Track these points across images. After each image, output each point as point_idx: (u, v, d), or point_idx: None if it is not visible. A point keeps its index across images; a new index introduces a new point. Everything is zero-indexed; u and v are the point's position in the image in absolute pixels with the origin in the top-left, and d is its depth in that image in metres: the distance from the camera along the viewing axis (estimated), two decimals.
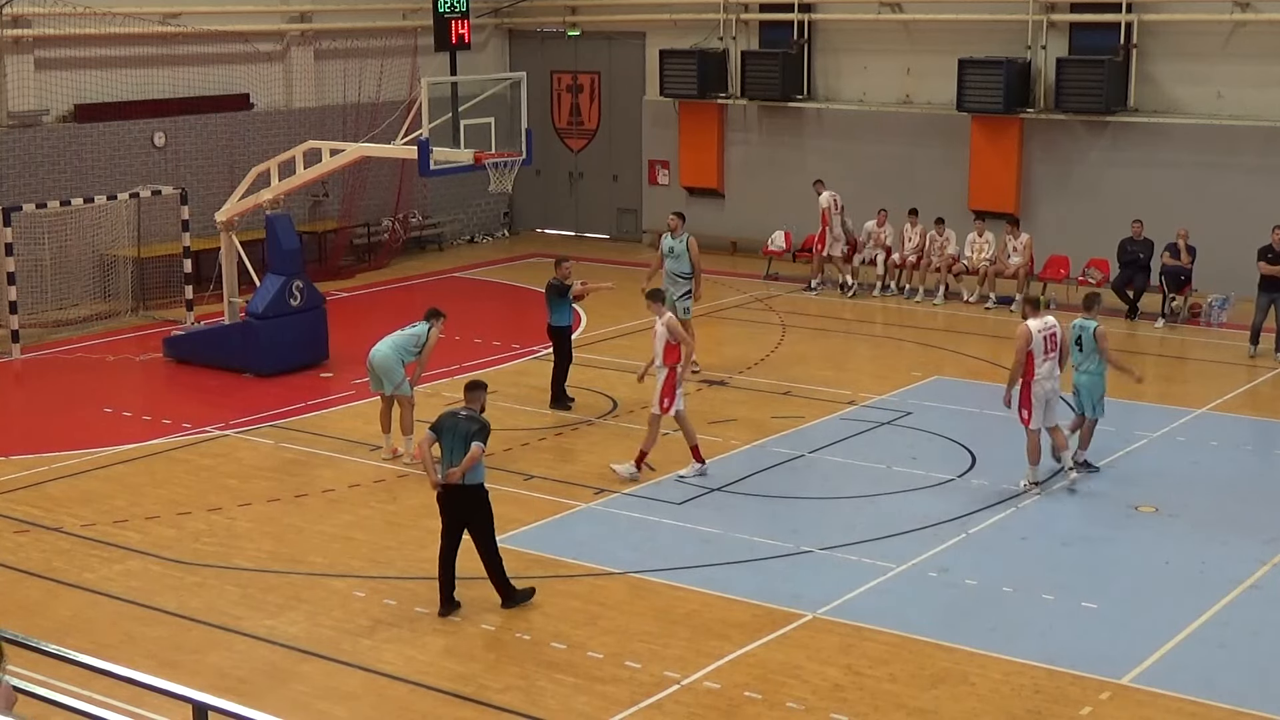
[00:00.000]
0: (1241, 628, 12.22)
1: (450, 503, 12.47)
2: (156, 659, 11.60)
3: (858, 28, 27.55)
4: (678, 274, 19.51)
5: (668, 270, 19.58)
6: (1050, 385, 15.39)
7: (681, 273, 19.51)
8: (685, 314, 19.51)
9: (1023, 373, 15.28)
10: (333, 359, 20.77)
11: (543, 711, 10.87)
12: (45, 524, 14.79)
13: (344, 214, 27.96)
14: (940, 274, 24.67)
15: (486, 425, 12.52)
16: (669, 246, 19.61)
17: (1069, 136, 25.46)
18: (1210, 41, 24.31)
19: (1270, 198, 23.40)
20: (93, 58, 24.74)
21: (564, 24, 30.89)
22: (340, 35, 28.21)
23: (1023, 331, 15.33)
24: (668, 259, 19.61)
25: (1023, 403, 15.36)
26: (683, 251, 19.51)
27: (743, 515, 14.86)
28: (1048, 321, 15.52)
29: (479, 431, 12.35)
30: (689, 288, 19.52)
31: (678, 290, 19.48)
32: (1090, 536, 14.26)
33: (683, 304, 19.47)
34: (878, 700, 10.98)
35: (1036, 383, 15.29)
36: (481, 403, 12.83)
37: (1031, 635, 12.08)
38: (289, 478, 16.28)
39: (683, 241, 19.54)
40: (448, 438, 12.43)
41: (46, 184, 23.93)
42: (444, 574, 12.57)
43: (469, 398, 12.81)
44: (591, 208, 31.34)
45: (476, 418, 12.52)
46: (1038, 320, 15.48)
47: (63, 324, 23.08)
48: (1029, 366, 15.28)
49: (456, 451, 12.32)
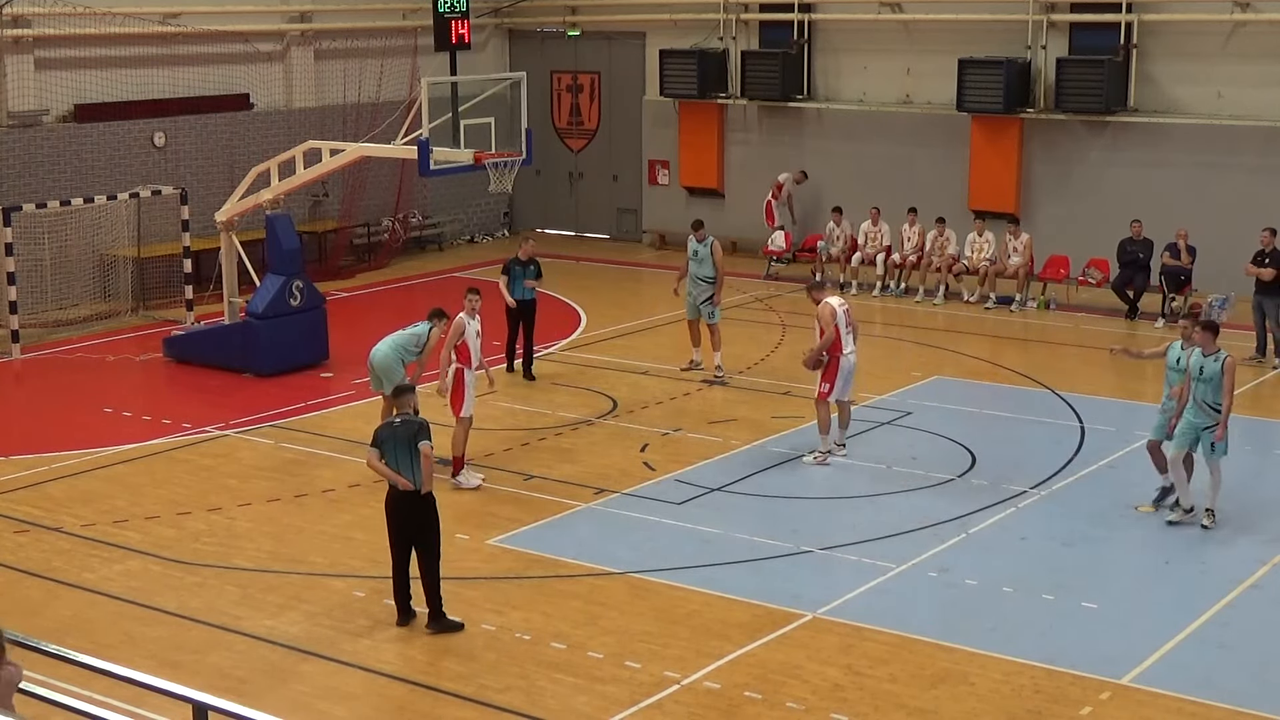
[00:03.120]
0: (1241, 628, 12.22)
1: (399, 511, 12.21)
2: (156, 659, 11.60)
3: (858, 28, 27.55)
4: (700, 277, 19.62)
5: (691, 274, 19.69)
6: (854, 360, 16.46)
7: (704, 276, 19.59)
8: (710, 318, 19.61)
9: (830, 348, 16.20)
10: (333, 359, 20.77)
11: (543, 711, 10.87)
12: (45, 524, 14.79)
13: (344, 214, 27.96)
14: (940, 274, 24.68)
15: (425, 424, 12.27)
16: (693, 249, 19.76)
17: (1069, 136, 25.45)
18: (1210, 41, 24.31)
19: (1270, 198, 23.41)
20: (93, 58, 24.74)
21: (564, 24, 30.89)
22: (340, 35, 28.22)
23: (827, 309, 16.26)
24: (691, 262, 19.74)
25: (826, 376, 16.18)
26: (706, 255, 19.62)
27: (743, 515, 14.86)
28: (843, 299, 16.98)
29: (420, 431, 12.13)
30: (711, 292, 19.59)
31: (700, 294, 19.57)
32: (1090, 536, 14.26)
33: (706, 308, 19.57)
34: (878, 700, 10.98)
35: (844, 357, 16.22)
36: (413, 405, 12.51)
37: (1031, 635, 12.08)
38: (289, 478, 16.28)
39: (707, 245, 19.65)
40: (390, 447, 12.14)
41: (46, 184, 23.93)
42: (399, 584, 12.31)
43: (399, 403, 12.55)
44: (591, 208, 31.34)
45: (413, 420, 12.27)
46: (837, 298, 16.80)
47: (63, 324, 23.07)
48: (837, 341, 16.19)
49: (402, 458, 12.07)
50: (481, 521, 14.53)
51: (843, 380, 16.32)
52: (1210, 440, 14.19)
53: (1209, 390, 14.14)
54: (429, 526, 12.22)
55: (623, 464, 16.38)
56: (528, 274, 19.76)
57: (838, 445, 16.51)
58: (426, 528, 12.21)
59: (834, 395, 16.31)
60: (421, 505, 12.17)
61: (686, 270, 19.85)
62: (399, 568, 12.32)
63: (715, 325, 19.65)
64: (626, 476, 15.94)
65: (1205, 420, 14.19)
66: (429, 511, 12.22)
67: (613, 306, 24.06)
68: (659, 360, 20.32)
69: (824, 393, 16.29)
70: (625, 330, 22.64)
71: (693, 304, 19.74)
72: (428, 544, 12.22)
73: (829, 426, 16.40)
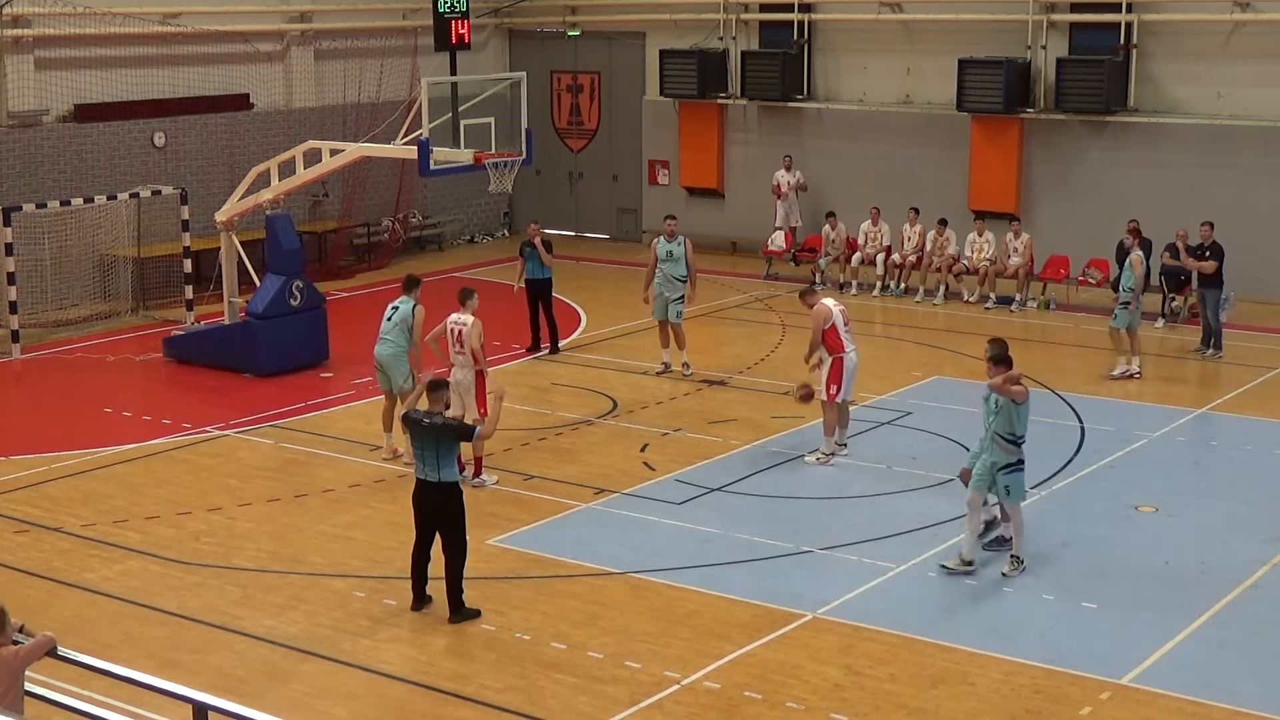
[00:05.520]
0: (1241, 628, 12.22)
1: (426, 500, 12.40)
2: (156, 659, 11.60)
3: (858, 28, 27.55)
4: (674, 277, 19.59)
5: (664, 273, 19.61)
6: (856, 359, 16.36)
7: (678, 276, 19.57)
8: (677, 318, 19.63)
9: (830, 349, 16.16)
10: (333, 359, 20.77)
11: (543, 711, 10.88)
12: (45, 524, 14.79)
13: (344, 214, 27.97)
14: (941, 274, 24.68)
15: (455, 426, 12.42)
16: (666, 250, 19.65)
17: (1069, 136, 25.46)
18: (1210, 41, 24.31)
19: (1270, 198, 23.43)
20: (93, 58, 24.74)
21: (564, 24, 30.89)
22: (340, 35, 28.22)
23: (821, 310, 16.21)
24: (664, 263, 19.64)
25: (833, 378, 16.10)
26: (680, 255, 19.58)
27: (743, 515, 14.86)
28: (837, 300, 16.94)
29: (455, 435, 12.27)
30: (684, 291, 19.59)
31: (673, 293, 19.54)
32: (1090, 536, 14.26)
33: (675, 308, 19.56)
34: (878, 700, 10.98)
35: (846, 356, 16.15)
36: (446, 400, 12.65)
37: (1031, 635, 12.08)
38: (289, 478, 16.28)
39: (680, 244, 19.60)
40: (417, 441, 12.34)
41: (46, 184, 23.93)
42: (417, 570, 12.57)
43: (433, 399, 12.55)
44: (591, 208, 31.34)
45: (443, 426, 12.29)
46: (832, 299, 16.66)
47: (63, 324, 23.08)
48: (838, 343, 16.10)
49: (429, 455, 12.22)
50: (481, 521, 14.51)
51: (847, 379, 16.34)
52: (1006, 481, 13.02)
53: (1002, 422, 13.01)
54: (455, 517, 12.38)
55: (623, 464, 16.38)
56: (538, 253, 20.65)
57: (839, 445, 16.52)
58: (453, 518, 12.37)
59: (841, 395, 16.31)
60: (447, 496, 12.31)
61: (654, 273, 19.75)
62: (419, 553, 12.50)
63: (679, 324, 19.70)
64: (626, 476, 15.94)
65: (1003, 458, 12.99)
66: (455, 502, 12.37)
67: (613, 306, 24.05)
68: (659, 360, 20.30)
69: (832, 394, 16.23)
70: (625, 330, 22.64)
71: (663, 304, 19.69)
72: (454, 533, 12.38)
73: (834, 428, 16.41)
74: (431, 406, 12.55)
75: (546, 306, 21.05)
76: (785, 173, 27.06)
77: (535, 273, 20.80)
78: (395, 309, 16.33)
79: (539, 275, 20.81)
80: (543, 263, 20.74)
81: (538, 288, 20.94)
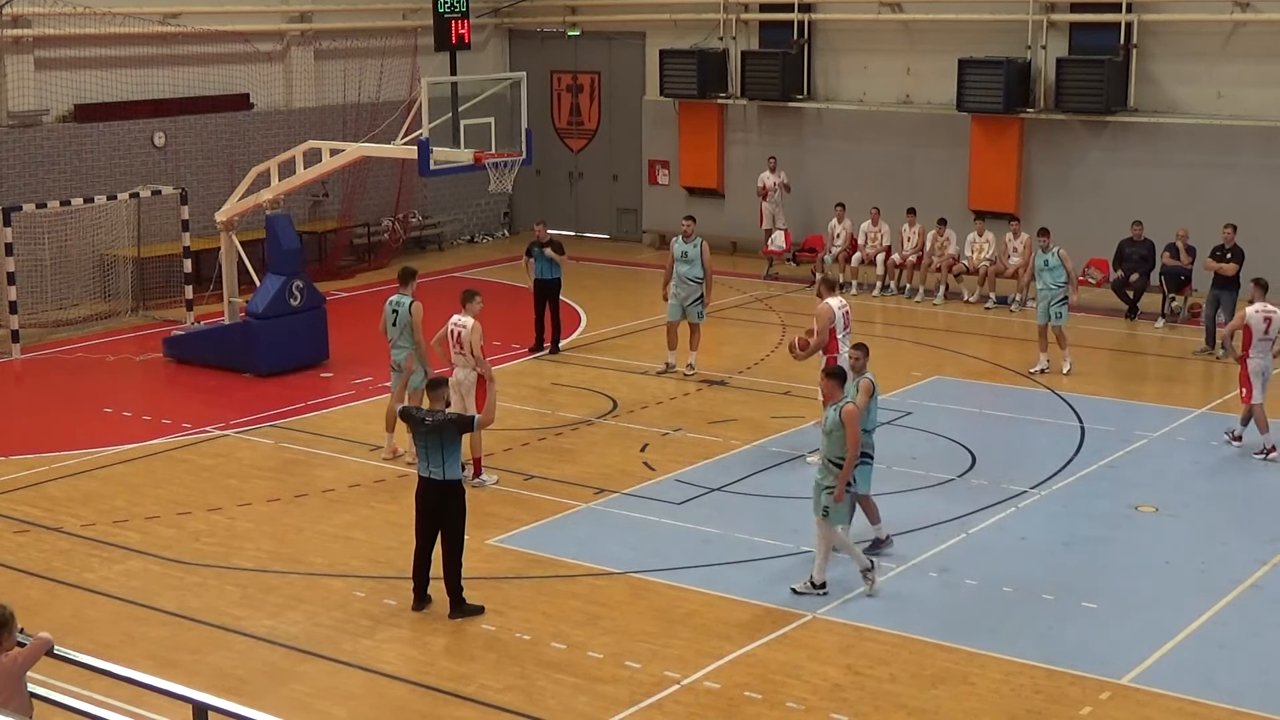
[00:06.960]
0: (1241, 628, 12.22)
1: (429, 498, 12.45)
2: (156, 659, 11.60)
3: (858, 28, 27.55)
4: (688, 278, 19.59)
5: (680, 274, 19.63)
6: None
7: (694, 277, 19.57)
8: (698, 318, 19.65)
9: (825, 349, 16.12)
10: (333, 359, 20.77)
11: (543, 711, 10.88)
12: (45, 524, 14.79)
13: (344, 214, 27.96)
14: (941, 274, 24.68)
15: (456, 420, 12.50)
16: (681, 251, 19.66)
17: (1069, 136, 25.46)
18: (1210, 41, 24.31)
19: (1270, 198, 23.42)
20: (93, 58, 24.74)
21: (564, 24, 30.89)
22: (340, 35, 28.21)
23: (824, 310, 16.14)
24: (680, 263, 19.65)
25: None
26: (696, 256, 19.58)
27: (743, 515, 14.86)
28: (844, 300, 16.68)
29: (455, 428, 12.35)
30: (701, 292, 19.58)
31: (687, 294, 19.55)
32: (1090, 536, 14.27)
33: (695, 309, 19.58)
34: (878, 700, 10.98)
35: (839, 357, 16.01)
36: (446, 399, 12.80)
37: (1031, 635, 12.08)
38: (289, 478, 16.28)
39: (696, 246, 19.59)
40: (420, 438, 12.45)
41: (46, 184, 23.92)
42: (418, 570, 12.60)
43: (433, 397, 12.68)
44: (591, 208, 31.33)
45: (444, 421, 12.37)
46: (835, 298, 16.45)
47: (63, 324, 23.07)
48: (833, 343, 16.07)
49: (433, 452, 12.30)
50: (481, 521, 14.50)
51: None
52: (826, 503, 12.58)
53: (832, 445, 12.58)
54: (456, 514, 12.42)
55: (623, 464, 16.38)
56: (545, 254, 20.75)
57: None
58: (453, 515, 12.41)
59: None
60: (449, 494, 12.36)
61: (671, 273, 19.78)
62: (421, 553, 12.54)
63: (699, 325, 19.72)
64: (626, 476, 15.94)
65: (828, 479, 12.60)
66: (457, 500, 12.42)
67: (613, 306, 24.05)
68: (659, 360, 20.30)
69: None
70: (625, 330, 22.64)
71: (678, 305, 19.69)
72: (453, 530, 12.43)
73: None
74: (432, 405, 12.63)
75: (554, 307, 21.08)
76: (770, 174, 27.03)
77: (544, 273, 20.86)
78: (395, 312, 16.30)
79: (548, 275, 20.86)
80: (552, 262, 20.77)
81: (546, 288, 20.98)
